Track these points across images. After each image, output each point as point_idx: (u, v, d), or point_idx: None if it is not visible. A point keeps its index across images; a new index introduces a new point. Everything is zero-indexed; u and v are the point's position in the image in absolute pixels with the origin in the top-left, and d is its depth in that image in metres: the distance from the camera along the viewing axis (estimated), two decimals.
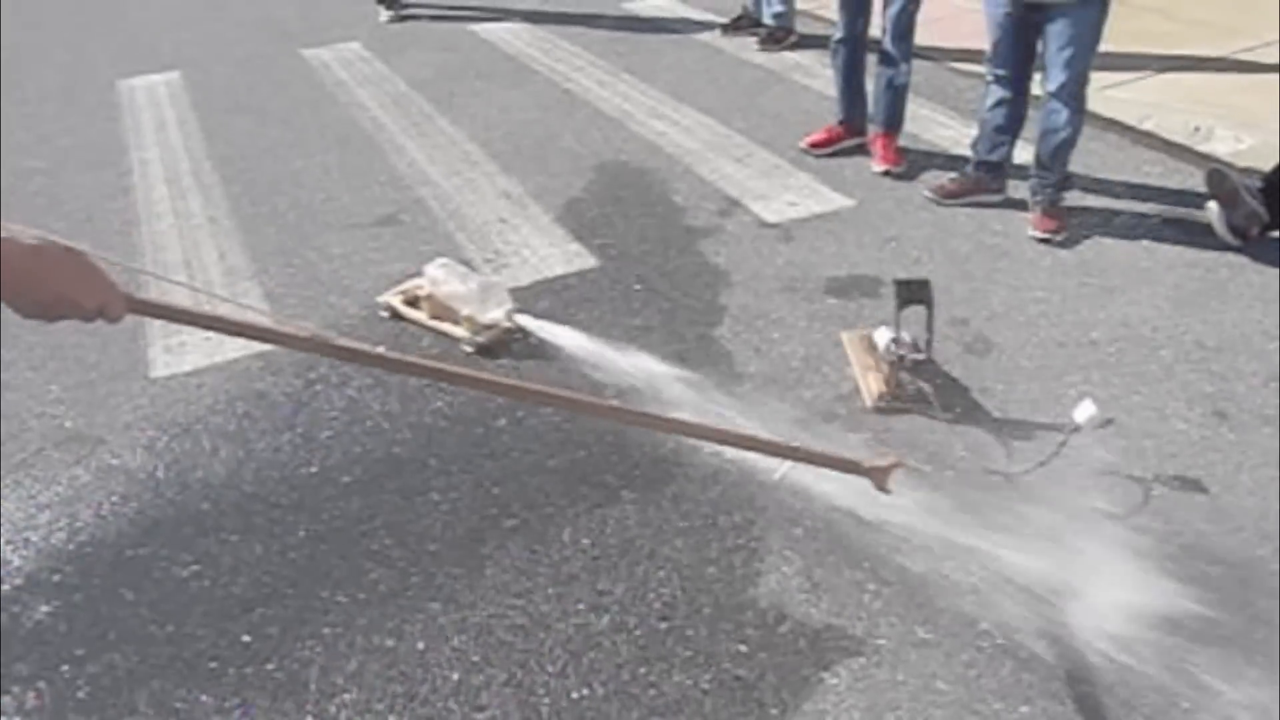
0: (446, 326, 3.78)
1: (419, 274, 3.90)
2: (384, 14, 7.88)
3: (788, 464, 2.78)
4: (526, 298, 3.95)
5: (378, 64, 6.90)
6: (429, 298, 3.83)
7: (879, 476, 2.43)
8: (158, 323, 4.02)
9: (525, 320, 3.70)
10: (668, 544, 2.81)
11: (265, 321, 1.72)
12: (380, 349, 2.04)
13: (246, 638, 2.65)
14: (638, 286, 4.04)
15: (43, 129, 6.18)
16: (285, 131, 5.87)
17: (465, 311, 3.70)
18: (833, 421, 3.24)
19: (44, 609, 2.81)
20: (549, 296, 4.00)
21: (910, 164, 4.86)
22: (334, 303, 4.06)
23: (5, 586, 2.89)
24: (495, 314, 3.70)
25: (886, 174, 4.82)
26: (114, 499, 3.16)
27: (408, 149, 5.49)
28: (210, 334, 3.84)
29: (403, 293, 3.96)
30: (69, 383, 3.75)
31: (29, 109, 6.54)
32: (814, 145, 5.09)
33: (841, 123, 5.09)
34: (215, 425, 3.44)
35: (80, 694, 2.55)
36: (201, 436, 3.39)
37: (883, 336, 3.39)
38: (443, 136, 5.63)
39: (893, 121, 4.90)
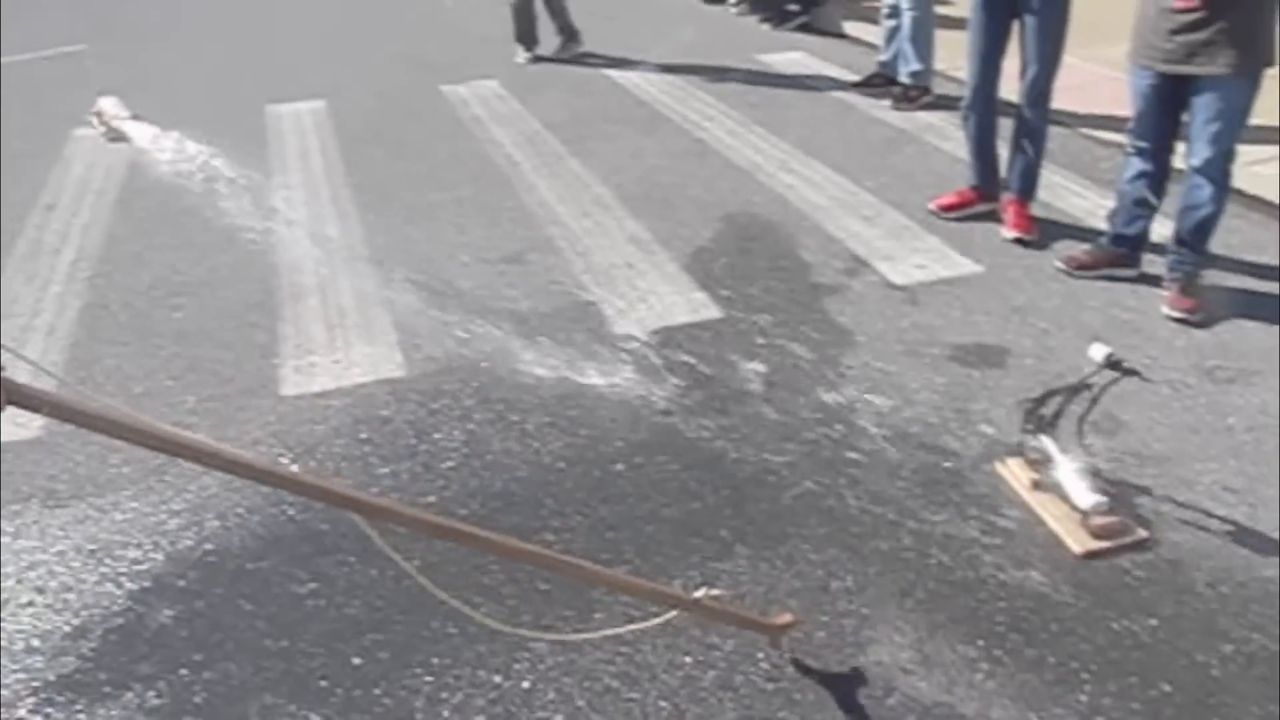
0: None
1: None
2: (522, 55, 8.06)
3: None
4: (649, 344, 3.99)
5: (514, 103, 7.06)
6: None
7: (774, 633, 2.50)
8: (291, 341, 4.17)
9: None
10: (779, 603, 2.78)
11: (162, 428, 1.63)
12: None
13: (357, 660, 2.70)
14: (760, 340, 4.04)
15: (195, 147, 6.43)
16: (422, 164, 6.03)
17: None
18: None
19: (168, 612, 2.91)
20: (672, 345, 4.03)
21: (1042, 232, 4.77)
22: (461, 337, 4.14)
23: (134, 586, 3.00)
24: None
25: (1017, 241, 4.74)
26: (239, 511, 3.26)
27: (539, 188, 5.59)
28: (304, 366, 4.01)
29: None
30: (204, 395, 3.89)
31: (184, 129, 6.82)
32: (944, 208, 5.05)
33: (973, 187, 5.04)
34: (339, 447, 3.53)
35: (196, 698, 2.62)
36: (325, 458, 3.48)
37: (1075, 482, 3.02)
38: (574, 178, 5.72)
39: (1026, 188, 4.83)
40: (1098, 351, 3.12)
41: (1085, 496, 2.95)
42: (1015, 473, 3.21)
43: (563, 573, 2.52)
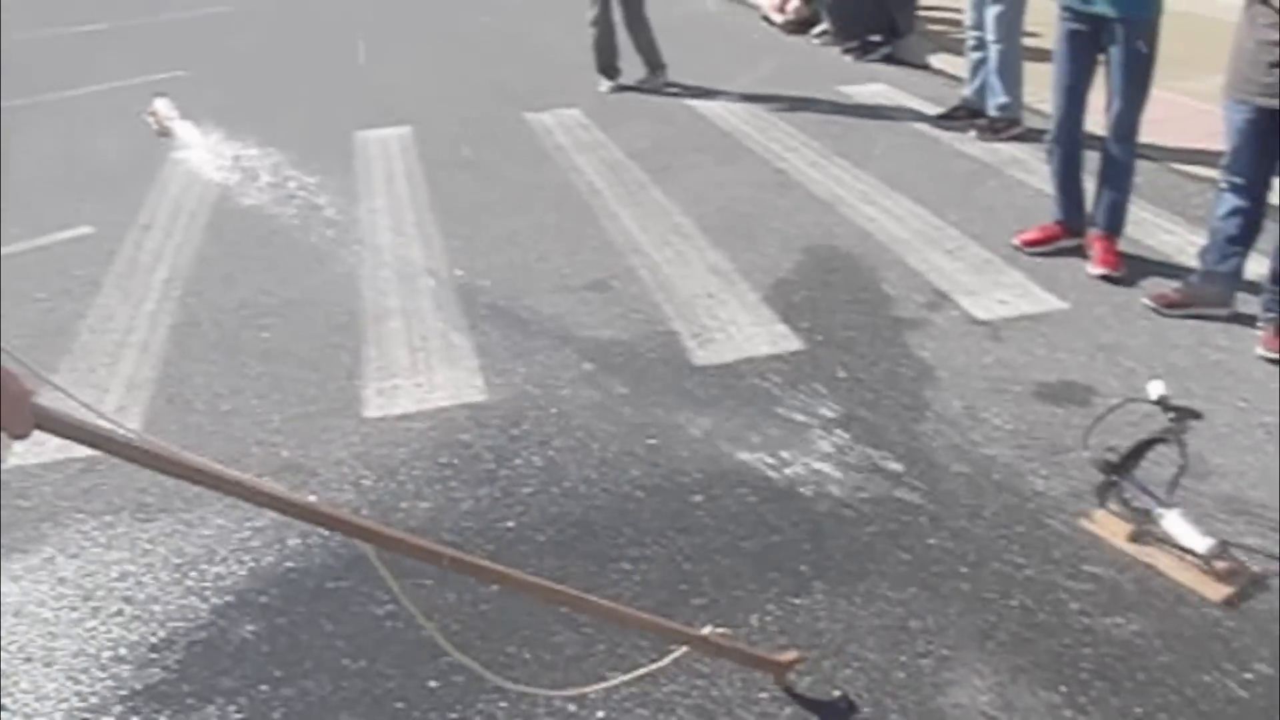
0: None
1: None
2: (605, 84, 8.13)
3: None
4: (729, 375, 3.99)
5: (596, 131, 7.12)
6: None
7: (779, 670, 2.48)
8: (374, 364, 4.24)
9: None
10: (857, 641, 2.76)
11: (192, 459, 1.62)
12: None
13: (433, 683, 2.72)
14: (841, 374, 4.02)
15: (285, 171, 6.60)
16: (505, 190, 6.11)
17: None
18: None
19: (249, 628, 2.96)
20: (751, 376, 4.02)
21: (1129, 269, 4.69)
22: (542, 362, 4.18)
23: (218, 601, 3.05)
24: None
25: (1104, 278, 4.66)
26: (321, 531, 3.30)
27: (621, 216, 5.63)
28: (386, 388, 4.07)
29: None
30: (289, 415, 3.96)
31: (275, 155, 7.00)
32: (1028, 243, 4.98)
33: (1058, 221, 4.97)
34: (420, 471, 3.57)
35: (275, 714, 2.66)
36: (406, 480, 3.52)
37: (1183, 529, 2.94)
38: (655, 206, 5.75)
39: (1113, 223, 4.75)
40: (1154, 389, 3.06)
41: (1199, 541, 2.89)
42: (1106, 523, 3.14)
43: (573, 607, 2.53)
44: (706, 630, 2.44)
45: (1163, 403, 3.10)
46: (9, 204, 6.39)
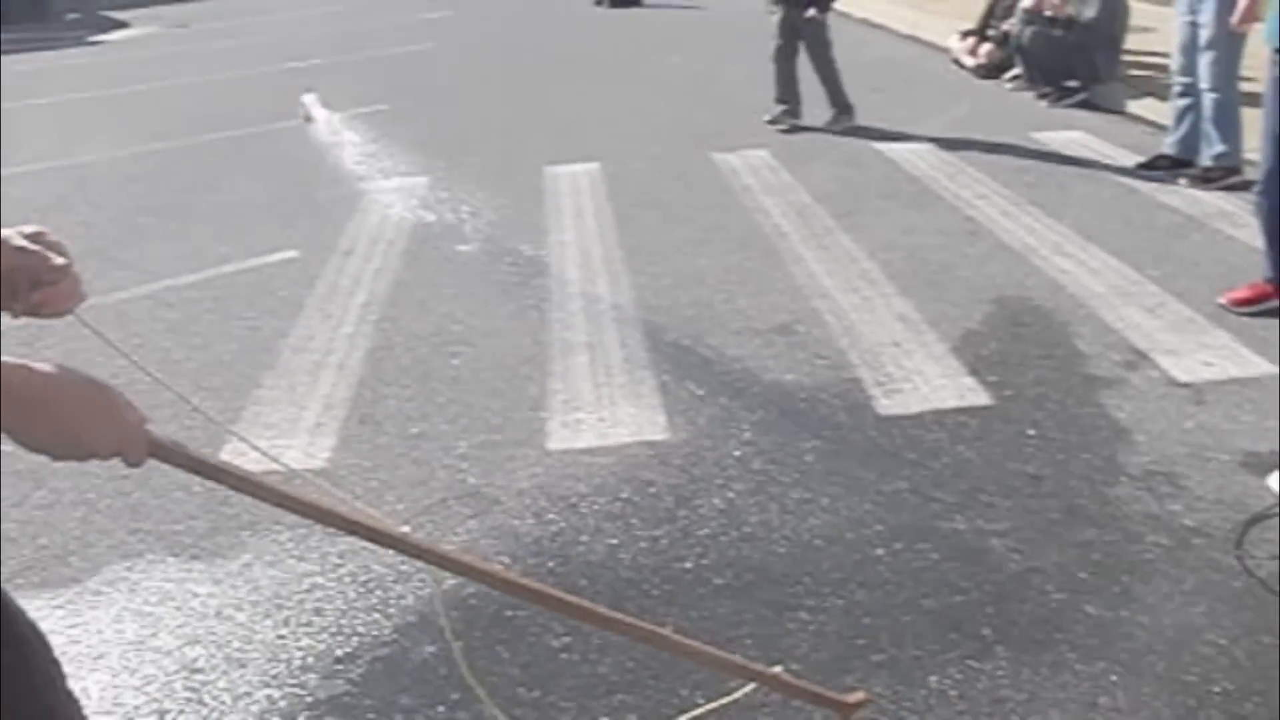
0: None
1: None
2: (775, 110, 8.16)
3: None
4: (914, 426, 3.92)
5: (784, 173, 7.13)
6: None
7: (847, 711, 2.32)
8: (559, 396, 4.32)
9: None
10: (1040, 714, 2.64)
11: (297, 493, 1.64)
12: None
13: (604, 719, 2.74)
14: (1031, 432, 3.89)
15: (477, 203, 6.83)
16: (691, 229, 6.17)
17: None
18: None
19: (429, 649, 3.03)
20: (937, 430, 3.94)
21: None
22: (725, 404, 4.19)
23: (400, 620, 3.14)
24: None
25: None
26: (502, 558, 3.38)
27: (806, 260, 5.61)
28: (570, 421, 4.12)
29: None
30: (475, 442, 4.07)
31: (469, 186, 7.25)
32: (1236, 302, 4.74)
33: (1269, 280, 4.71)
34: (600, 505, 3.61)
35: None
36: (587, 514, 3.57)
37: None
38: (842, 251, 5.71)
39: None
40: (1274, 481, 2.84)
41: None
42: None
43: (637, 638, 2.48)
44: (776, 669, 2.36)
45: None
46: (225, 227, 6.80)
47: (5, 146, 9.08)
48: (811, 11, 8.07)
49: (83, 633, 3.13)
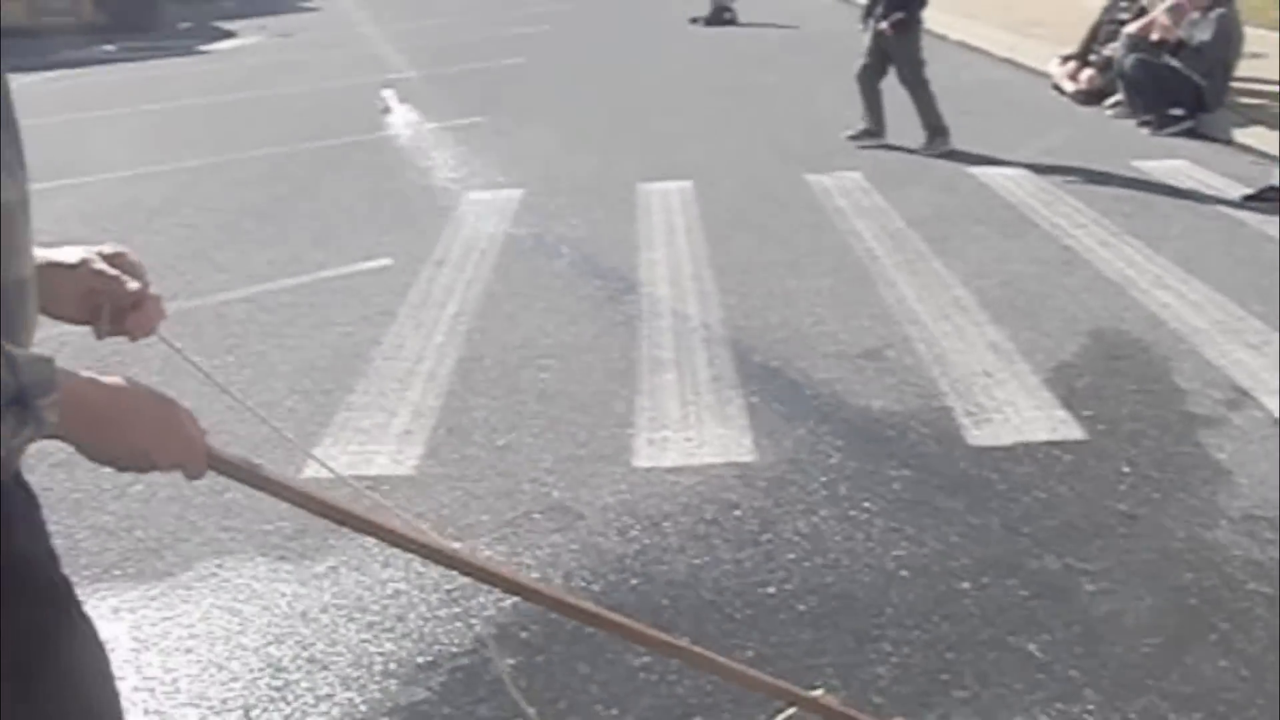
0: None
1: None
2: (858, 131, 8.13)
3: None
4: (1005, 459, 3.86)
5: (876, 196, 7.08)
6: None
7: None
8: (646, 413, 4.33)
9: None
10: None
11: (352, 508, 1.62)
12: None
13: None
14: (1126, 469, 3.80)
15: (570, 219, 6.89)
16: (782, 250, 6.15)
17: None
18: None
19: (509, 661, 3.05)
20: (1028, 463, 3.87)
21: None
22: (812, 428, 4.16)
23: (481, 630, 3.16)
24: None
25: None
26: (584, 573, 3.39)
27: (898, 284, 5.56)
28: (657, 439, 4.12)
29: None
30: (560, 456, 4.09)
31: (561, 200, 7.31)
32: None
33: None
34: (685, 525, 3.60)
35: None
36: (671, 534, 3.56)
37: None
38: (934, 277, 5.65)
39: None
40: None
41: None
42: None
43: (682, 659, 2.45)
44: (819, 693, 2.32)
45: None
46: (322, 234, 6.94)
47: (117, 150, 9.39)
48: (883, 25, 7.98)
49: (174, 625, 3.20)
